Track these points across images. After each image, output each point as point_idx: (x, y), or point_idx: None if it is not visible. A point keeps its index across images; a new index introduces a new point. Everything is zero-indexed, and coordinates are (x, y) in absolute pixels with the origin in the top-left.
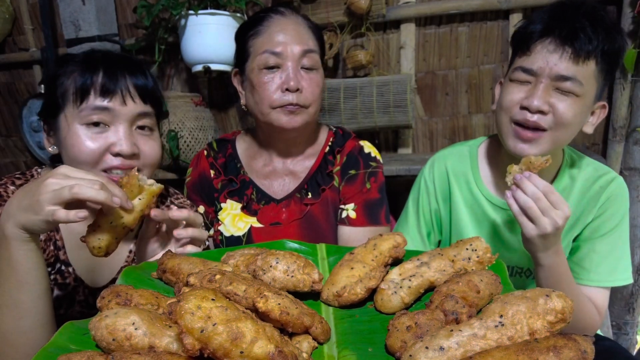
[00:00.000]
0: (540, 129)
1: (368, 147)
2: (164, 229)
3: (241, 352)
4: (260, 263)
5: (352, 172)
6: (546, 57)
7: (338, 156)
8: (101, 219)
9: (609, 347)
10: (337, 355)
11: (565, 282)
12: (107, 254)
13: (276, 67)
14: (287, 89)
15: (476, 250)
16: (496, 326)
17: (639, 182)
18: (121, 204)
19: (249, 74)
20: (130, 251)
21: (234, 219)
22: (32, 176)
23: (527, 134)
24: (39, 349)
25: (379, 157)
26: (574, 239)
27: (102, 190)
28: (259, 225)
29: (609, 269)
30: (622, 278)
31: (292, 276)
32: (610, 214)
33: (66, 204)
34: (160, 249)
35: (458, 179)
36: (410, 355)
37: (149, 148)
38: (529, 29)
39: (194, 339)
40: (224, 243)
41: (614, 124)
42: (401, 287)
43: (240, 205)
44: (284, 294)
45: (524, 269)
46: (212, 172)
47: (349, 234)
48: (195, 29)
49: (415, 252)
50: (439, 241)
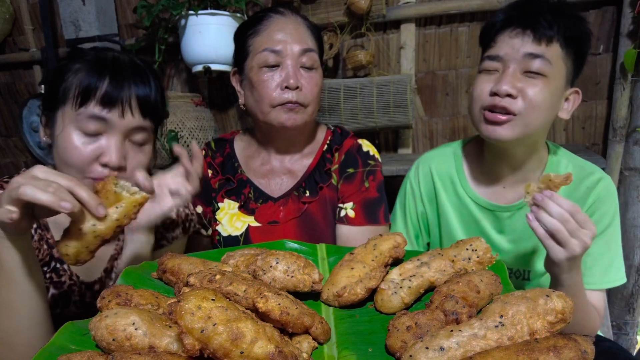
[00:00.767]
0: (510, 113)
1: (366, 145)
2: None
3: (241, 352)
4: (260, 263)
5: (350, 170)
6: (511, 42)
7: (336, 154)
8: (72, 225)
9: (609, 348)
10: (337, 355)
11: (581, 297)
12: (78, 262)
13: (276, 66)
14: (286, 87)
15: (476, 250)
16: (496, 326)
17: (639, 182)
18: (90, 208)
19: (248, 72)
20: (119, 239)
21: (231, 218)
22: None
23: (498, 116)
24: (35, 348)
25: (377, 155)
26: None
27: (52, 193)
28: (256, 224)
29: (602, 270)
30: (616, 278)
31: (292, 276)
32: (600, 215)
33: (24, 205)
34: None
35: (443, 180)
36: (411, 356)
37: (136, 162)
38: (492, 22)
39: (194, 339)
40: (221, 243)
41: (614, 124)
42: (401, 287)
43: (237, 204)
44: (284, 294)
45: (513, 270)
46: (210, 172)
47: (347, 233)
48: (195, 29)
49: (415, 252)
50: (428, 244)
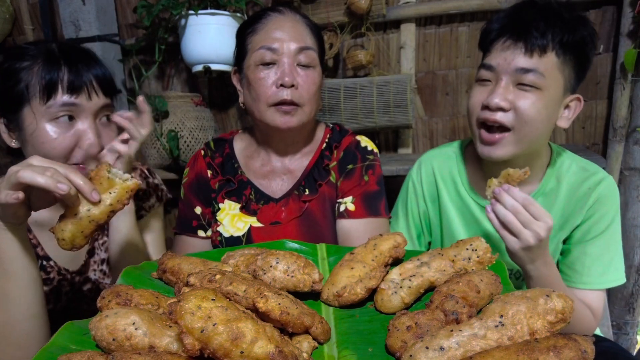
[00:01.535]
0: (504, 128)
1: (365, 141)
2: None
3: (241, 352)
4: (260, 263)
5: (349, 166)
6: (503, 53)
7: (335, 151)
8: (68, 210)
9: (609, 348)
10: (337, 355)
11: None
12: (74, 248)
13: (272, 64)
14: (282, 85)
15: (476, 250)
16: (496, 326)
17: (639, 182)
18: (84, 194)
19: (246, 70)
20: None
21: (232, 219)
22: None
23: (490, 137)
24: (31, 340)
25: (376, 150)
26: (563, 241)
27: (50, 177)
28: (258, 224)
29: (600, 270)
30: (614, 279)
31: (293, 276)
32: (600, 215)
33: (23, 190)
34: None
35: (445, 180)
36: (411, 355)
37: (108, 140)
38: (488, 28)
39: (194, 339)
40: (223, 244)
41: (614, 124)
42: (401, 287)
43: (238, 205)
44: (284, 294)
45: (514, 270)
46: (209, 173)
47: (349, 227)
48: (195, 29)
49: (416, 252)
50: (429, 243)
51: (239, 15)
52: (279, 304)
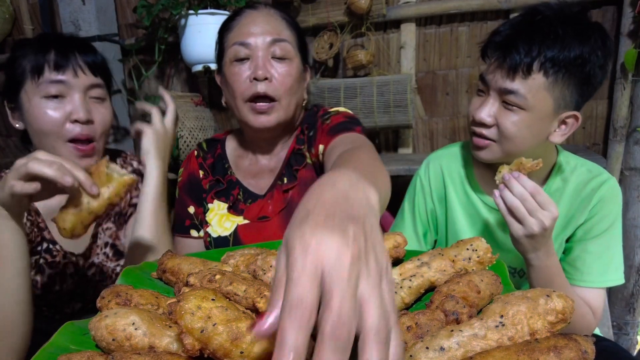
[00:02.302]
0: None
1: (331, 109)
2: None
3: (241, 352)
4: (260, 263)
5: (311, 133)
6: (494, 70)
7: (306, 132)
8: (69, 201)
9: (610, 348)
10: None
11: (557, 284)
12: (74, 236)
13: (246, 59)
14: (255, 78)
15: (477, 250)
16: (497, 326)
17: (639, 182)
18: (85, 187)
19: (223, 68)
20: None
21: (220, 219)
22: None
23: (478, 141)
24: (13, 326)
25: (343, 109)
26: (566, 239)
27: (56, 169)
28: (245, 222)
29: (600, 269)
30: (614, 279)
31: None
32: (602, 215)
33: (29, 180)
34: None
35: (453, 179)
36: (411, 356)
37: (101, 115)
38: (490, 39)
39: (194, 339)
40: (212, 245)
41: (615, 124)
42: (401, 287)
43: (226, 205)
44: None
45: (517, 269)
46: (201, 173)
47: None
48: (195, 29)
49: (416, 252)
50: (435, 241)
51: None
52: None
